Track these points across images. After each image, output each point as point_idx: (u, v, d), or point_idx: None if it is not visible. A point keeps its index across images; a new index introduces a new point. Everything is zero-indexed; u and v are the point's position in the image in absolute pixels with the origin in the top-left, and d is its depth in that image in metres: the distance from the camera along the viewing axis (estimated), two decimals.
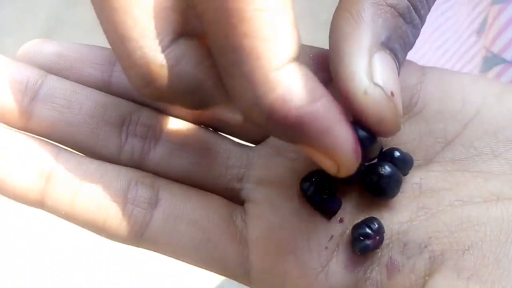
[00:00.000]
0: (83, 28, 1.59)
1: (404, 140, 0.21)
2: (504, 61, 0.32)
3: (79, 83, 0.20)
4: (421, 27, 0.20)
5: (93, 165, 0.20)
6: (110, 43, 0.17)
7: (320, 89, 0.15)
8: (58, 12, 1.60)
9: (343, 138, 0.15)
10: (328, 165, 0.16)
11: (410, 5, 0.19)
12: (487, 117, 0.20)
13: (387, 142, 0.21)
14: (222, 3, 0.14)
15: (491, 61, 0.33)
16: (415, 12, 0.19)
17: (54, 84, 0.19)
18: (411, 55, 0.56)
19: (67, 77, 0.20)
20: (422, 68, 0.21)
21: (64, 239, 1.11)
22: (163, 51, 0.15)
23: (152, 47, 0.15)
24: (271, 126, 0.15)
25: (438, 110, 0.20)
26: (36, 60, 0.20)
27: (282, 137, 0.16)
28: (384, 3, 0.18)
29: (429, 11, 0.20)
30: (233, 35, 0.14)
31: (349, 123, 0.16)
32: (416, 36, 0.19)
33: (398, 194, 0.20)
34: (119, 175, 0.20)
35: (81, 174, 0.19)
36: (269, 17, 0.14)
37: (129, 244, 0.20)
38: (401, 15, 0.18)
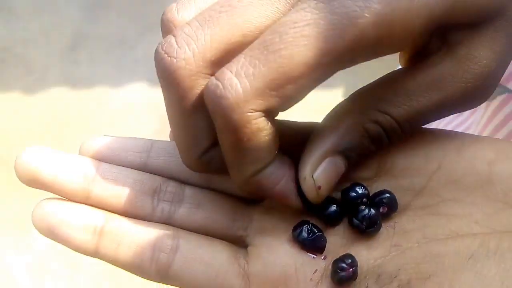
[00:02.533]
0: (106, 42, 1.63)
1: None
2: (508, 90, 0.33)
3: (122, 166, 0.27)
4: (396, 140, 0.24)
5: (131, 223, 0.26)
6: (175, 140, 0.25)
7: (281, 173, 0.24)
8: (82, 27, 1.63)
9: (294, 200, 0.24)
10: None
11: (383, 132, 0.24)
12: (448, 170, 0.24)
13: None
14: (224, 129, 0.21)
15: (496, 90, 0.34)
16: (387, 138, 0.24)
17: (106, 169, 0.26)
18: None
19: (113, 162, 0.27)
20: None
21: None
22: (200, 157, 0.24)
23: (194, 153, 0.24)
24: (250, 195, 0.25)
25: (405, 167, 0.25)
26: (94, 153, 0.27)
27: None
28: (361, 125, 0.24)
29: (403, 137, 0.24)
30: (231, 154, 0.22)
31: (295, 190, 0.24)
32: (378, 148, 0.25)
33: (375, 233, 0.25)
34: (150, 229, 0.26)
35: (123, 230, 0.25)
36: (248, 144, 0.21)
37: (159, 282, 0.26)
38: (370, 137, 0.24)
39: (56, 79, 1.51)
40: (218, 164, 0.24)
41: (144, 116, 1.41)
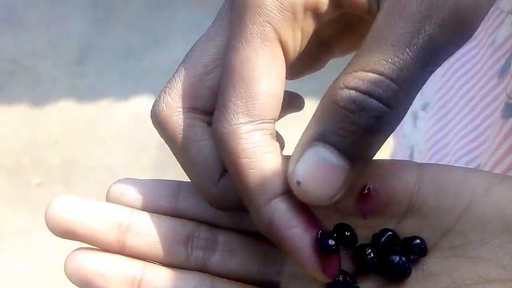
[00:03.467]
0: (113, 53, 1.64)
1: (407, 232, 0.25)
2: None
3: (153, 211, 0.27)
4: (394, 104, 0.21)
5: (169, 273, 0.26)
6: (190, 181, 0.25)
7: (296, 219, 0.22)
8: (90, 38, 1.65)
9: (310, 262, 0.22)
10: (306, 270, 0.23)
11: (359, 96, 0.20)
12: (476, 211, 0.23)
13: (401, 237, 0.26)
14: (228, 165, 0.22)
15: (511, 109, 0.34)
16: (375, 98, 0.20)
17: (139, 217, 0.26)
18: (431, 95, 0.55)
19: (144, 209, 0.27)
20: (419, 166, 0.25)
21: None
22: (215, 185, 0.24)
23: (208, 184, 0.24)
24: (266, 235, 0.23)
25: (434, 206, 0.24)
26: (124, 199, 0.27)
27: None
28: (330, 98, 0.21)
29: (419, 88, 0.21)
30: (237, 183, 0.22)
31: (313, 247, 0.22)
32: (387, 118, 0.21)
33: None
34: (188, 279, 0.26)
35: (161, 281, 0.25)
36: (254, 174, 0.22)
37: None
38: (343, 107, 0.21)
39: (63, 90, 1.52)
40: (234, 194, 0.24)
41: (151, 128, 1.39)
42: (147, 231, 0.26)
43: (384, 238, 0.24)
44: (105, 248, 0.26)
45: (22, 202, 1.23)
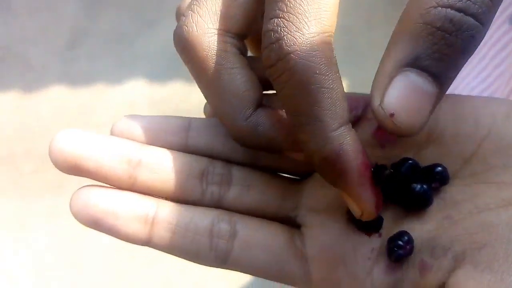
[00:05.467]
0: (105, 39, 1.62)
1: (427, 161, 0.24)
2: None
3: (164, 147, 0.25)
4: (486, 22, 0.19)
5: (184, 209, 0.25)
6: (215, 113, 0.24)
7: (359, 151, 0.21)
8: (80, 24, 1.62)
9: (367, 196, 0.22)
10: (355, 210, 0.22)
11: (460, 14, 0.19)
12: (497, 136, 0.23)
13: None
14: (296, 84, 0.20)
15: None
16: (471, 16, 0.19)
17: (150, 152, 0.25)
18: None
19: (153, 144, 0.25)
20: None
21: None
22: (246, 119, 0.23)
23: (239, 117, 0.23)
24: (322, 168, 0.21)
25: (455, 133, 0.24)
26: (130, 134, 0.25)
27: (326, 178, 0.22)
28: (420, 21, 0.19)
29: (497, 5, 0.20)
30: (304, 105, 0.20)
31: (372, 185, 0.22)
32: (479, 38, 0.19)
33: None
34: (204, 215, 0.25)
35: (176, 218, 0.24)
36: (328, 93, 0.20)
37: (216, 267, 0.25)
38: (439, 28, 0.19)
39: (55, 76, 1.50)
40: (266, 129, 0.23)
41: (144, 113, 1.39)
42: (160, 166, 0.25)
43: (404, 167, 0.24)
44: (114, 184, 0.24)
45: (14, 190, 1.22)
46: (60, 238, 1.07)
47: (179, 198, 0.25)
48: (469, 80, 0.42)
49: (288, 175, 0.27)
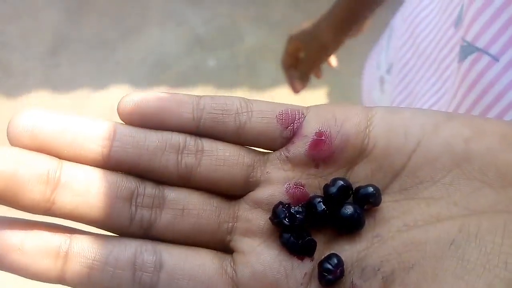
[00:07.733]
0: (87, 45, 1.61)
1: (359, 178, 0.25)
2: (477, 49, 0.33)
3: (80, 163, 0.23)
4: None
5: (102, 240, 0.23)
6: None
7: None
8: (63, 29, 1.62)
9: None
10: None
11: None
12: (426, 148, 0.23)
13: (353, 184, 0.25)
14: None
15: (466, 50, 0.34)
16: None
17: (71, 171, 0.22)
18: (393, 55, 0.55)
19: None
20: (369, 109, 0.25)
21: None
22: None
23: None
24: None
25: (385, 147, 0.24)
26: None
27: None
28: None
29: None
30: None
31: None
32: None
33: None
34: (125, 246, 0.23)
35: (94, 251, 0.22)
36: None
37: None
38: None
39: (36, 82, 1.50)
40: None
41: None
42: (81, 187, 0.22)
43: (336, 189, 0.24)
44: (27, 207, 0.22)
45: None
46: None
47: (103, 223, 0.23)
48: (423, 84, 0.43)
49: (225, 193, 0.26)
